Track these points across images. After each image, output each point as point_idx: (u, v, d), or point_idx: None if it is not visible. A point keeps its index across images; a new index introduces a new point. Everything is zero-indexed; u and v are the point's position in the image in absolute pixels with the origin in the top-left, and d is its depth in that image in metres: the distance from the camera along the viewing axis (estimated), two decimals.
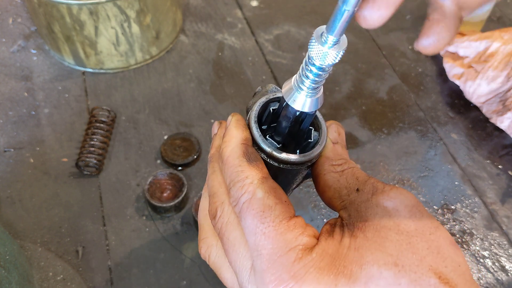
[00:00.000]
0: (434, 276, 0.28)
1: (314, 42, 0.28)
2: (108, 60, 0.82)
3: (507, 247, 0.67)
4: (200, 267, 0.62)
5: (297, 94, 0.31)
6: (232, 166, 0.33)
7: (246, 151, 0.33)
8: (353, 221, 0.31)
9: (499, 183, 0.72)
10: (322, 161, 0.35)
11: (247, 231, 0.31)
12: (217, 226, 0.34)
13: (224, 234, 0.33)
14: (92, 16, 0.74)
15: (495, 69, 0.75)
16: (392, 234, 0.30)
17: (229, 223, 0.33)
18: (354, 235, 0.30)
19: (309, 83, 0.30)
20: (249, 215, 0.30)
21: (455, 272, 0.29)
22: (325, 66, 0.29)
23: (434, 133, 0.78)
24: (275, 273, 0.29)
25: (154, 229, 0.65)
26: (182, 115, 0.78)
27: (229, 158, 0.33)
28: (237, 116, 0.35)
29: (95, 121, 0.73)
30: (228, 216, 0.33)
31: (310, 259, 0.29)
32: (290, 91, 0.32)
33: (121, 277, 0.61)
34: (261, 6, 0.95)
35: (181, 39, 0.89)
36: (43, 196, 0.68)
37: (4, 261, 0.50)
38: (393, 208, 0.31)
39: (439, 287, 0.28)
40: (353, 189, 0.33)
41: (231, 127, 0.35)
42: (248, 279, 0.31)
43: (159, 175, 0.67)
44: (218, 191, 0.35)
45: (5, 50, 0.87)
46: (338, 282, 0.28)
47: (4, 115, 0.77)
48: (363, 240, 0.30)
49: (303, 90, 0.31)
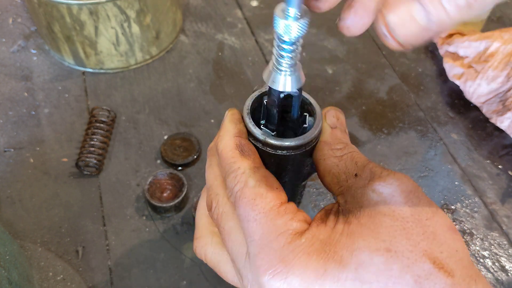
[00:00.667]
0: (429, 262, 0.28)
1: (277, 18, 0.28)
2: (108, 60, 0.82)
3: (507, 247, 0.67)
4: (200, 267, 0.62)
5: (276, 75, 0.32)
6: (226, 158, 0.34)
7: (240, 143, 0.34)
8: (348, 207, 0.31)
9: (499, 183, 0.72)
10: (321, 146, 0.35)
11: (241, 218, 0.32)
12: (213, 217, 0.35)
13: (220, 224, 0.34)
14: (92, 16, 0.74)
15: (495, 69, 0.75)
16: (387, 220, 0.29)
17: (224, 213, 0.34)
18: (348, 221, 0.30)
19: (284, 61, 0.31)
20: (242, 203, 0.31)
21: (452, 258, 0.28)
22: (293, 39, 0.29)
23: (434, 133, 0.78)
24: (265, 257, 0.29)
25: (154, 229, 0.65)
26: (182, 115, 0.78)
27: (223, 151, 0.34)
28: (233, 110, 0.36)
29: (95, 121, 0.73)
30: (223, 207, 0.34)
31: (299, 244, 0.29)
32: (270, 74, 0.32)
33: (121, 277, 0.61)
34: (261, 6, 0.95)
35: (181, 39, 0.89)
36: (43, 196, 0.68)
37: (4, 261, 0.50)
38: (389, 194, 0.31)
39: (433, 272, 0.27)
40: (352, 174, 0.33)
41: (225, 122, 0.36)
42: (244, 265, 0.32)
43: (159, 175, 0.67)
44: (213, 183, 0.36)
45: (5, 50, 0.87)
46: (328, 267, 0.28)
47: (4, 115, 0.77)
48: (357, 226, 0.30)
49: (280, 69, 0.32)
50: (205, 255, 0.38)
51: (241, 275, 0.33)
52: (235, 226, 0.33)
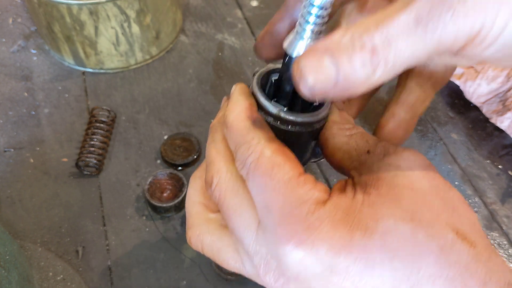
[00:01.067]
0: (452, 232, 0.28)
1: None
2: (108, 60, 0.82)
3: (507, 247, 0.67)
4: (200, 267, 0.62)
5: (299, 40, 0.31)
6: (237, 129, 0.32)
7: (251, 115, 0.33)
8: (365, 180, 0.31)
9: (499, 183, 0.72)
10: (329, 125, 0.35)
11: (255, 191, 0.30)
12: (214, 195, 0.33)
13: (224, 201, 0.33)
14: (92, 16, 0.74)
15: (495, 69, 0.75)
16: (407, 191, 0.29)
17: (228, 189, 0.33)
18: (367, 192, 0.30)
19: (312, 27, 0.30)
20: (258, 173, 0.30)
21: (472, 230, 0.29)
22: (323, 2, 0.29)
23: (434, 133, 0.78)
24: (288, 226, 0.28)
25: (154, 229, 0.65)
26: (182, 115, 0.78)
27: (234, 122, 0.33)
28: (241, 84, 0.35)
29: (95, 121, 0.73)
30: (227, 183, 0.33)
31: (323, 212, 0.28)
32: (293, 42, 0.31)
33: (121, 277, 0.61)
34: (261, 6, 0.95)
35: (181, 39, 0.89)
36: (43, 196, 0.68)
37: (4, 261, 0.50)
38: (407, 167, 0.30)
39: (457, 241, 0.28)
40: (364, 151, 0.33)
41: (235, 95, 0.34)
42: (256, 240, 0.31)
43: (159, 175, 0.67)
44: (215, 159, 0.34)
45: (5, 50, 0.87)
46: (354, 236, 0.27)
47: (4, 115, 0.77)
48: (377, 197, 0.29)
49: (304, 36, 0.30)
50: (202, 244, 0.36)
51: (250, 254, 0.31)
52: (242, 201, 0.32)
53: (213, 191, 0.33)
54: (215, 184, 0.33)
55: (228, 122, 0.33)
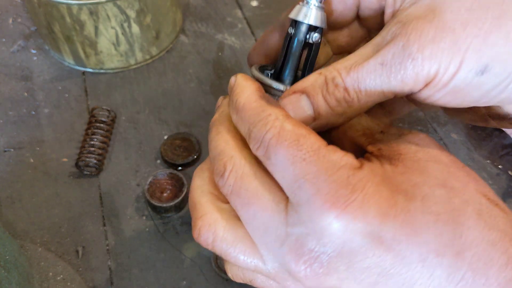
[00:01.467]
0: (484, 198, 0.29)
1: None
2: (108, 60, 0.82)
3: None
4: (200, 267, 0.62)
5: (306, 8, 0.34)
6: (250, 109, 0.31)
7: (263, 95, 0.32)
8: (385, 154, 0.31)
9: (499, 183, 0.72)
10: None
11: (280, 166, 0.28)
12: (228, 182, 0.31)
13: (240, 187, 0.31)
14: (92, 16, 0.74)
15: None
16: (431, 164, 0.30)
17: (244, 174, 0.31)
18: (393, 164, 0.29)
19: None
20: (282, 147, 0.28)
21: (497, 198, 0.30)
22: None
23: (434, 133, 0.78)
24: (330, 191, 0.26)
25: (154, 229, 0.65)
26: (182, 115, 0.78)
27: (246, 103, 0.31)
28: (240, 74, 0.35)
29: (95, 121, 0.73)
30: (242, 168, 0.31)
31: (364, 175, 0.27)
32: (301, 9, 0.35)
33: (121, 277, 0.61)
34: (261, 6, 0.95)
35: (181, 39, 0.89)
36: (43, 196, 0.68)
37: (4, 261, 0.50)
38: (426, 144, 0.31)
39: (491, 206, 0.28)
40: (377, 131, 0.33)
41: (240, 81, 0.33)
42: (286, 221, 0.28)
43: (159, 175, 0.67)
44: (224, 148, 0.33)
45: (5, 50, 0.87)
46: (397, 199, 0.27)
47: (4, 115, 0.77)
48: (404, 168, 0.29)
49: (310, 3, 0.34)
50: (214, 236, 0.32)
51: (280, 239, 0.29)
52: (262, 183, 0.30)
53: (227, 179, 0.31)
54: (229, 170, 0.31)
55: (239, 106, 0.32)
